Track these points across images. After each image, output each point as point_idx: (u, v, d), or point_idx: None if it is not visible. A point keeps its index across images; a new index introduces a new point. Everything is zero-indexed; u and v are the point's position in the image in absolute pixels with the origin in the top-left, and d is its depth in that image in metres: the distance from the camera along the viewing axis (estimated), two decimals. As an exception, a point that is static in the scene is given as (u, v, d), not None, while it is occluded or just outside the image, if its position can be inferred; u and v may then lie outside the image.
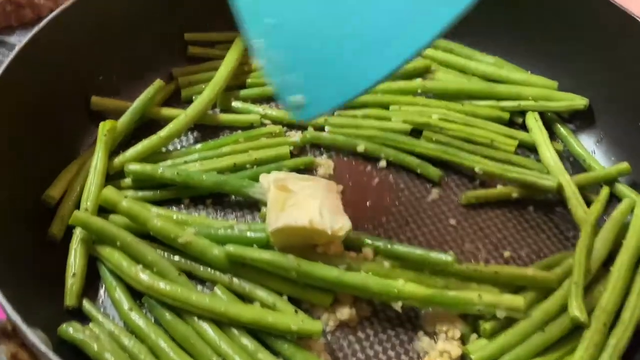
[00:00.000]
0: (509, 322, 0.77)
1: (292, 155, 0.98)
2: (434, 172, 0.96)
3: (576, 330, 0.76)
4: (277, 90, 0.75)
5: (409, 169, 0.97)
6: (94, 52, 1.00)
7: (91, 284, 0.83)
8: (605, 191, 0.91)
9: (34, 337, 0.55)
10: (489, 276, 0.79)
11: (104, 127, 0.93)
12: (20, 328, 0.56)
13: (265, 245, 0.80)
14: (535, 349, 0.75)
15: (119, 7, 1.02)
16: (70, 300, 0.79)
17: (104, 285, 0.82)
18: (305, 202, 0.78)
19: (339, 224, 0.78)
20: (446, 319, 0.78)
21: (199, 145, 0.98)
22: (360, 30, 0.68)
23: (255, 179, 0.89)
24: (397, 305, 0.77)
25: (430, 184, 0.97)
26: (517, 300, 0.76)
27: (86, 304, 0.79)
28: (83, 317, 0.79)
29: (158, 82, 1.01)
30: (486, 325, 0.77)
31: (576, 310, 0.75)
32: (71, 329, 0.74)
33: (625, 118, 0.99)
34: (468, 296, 0.76)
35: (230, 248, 0.79)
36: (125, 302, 0.78)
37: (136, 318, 0.77)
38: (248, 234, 0.81)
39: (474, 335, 0.78)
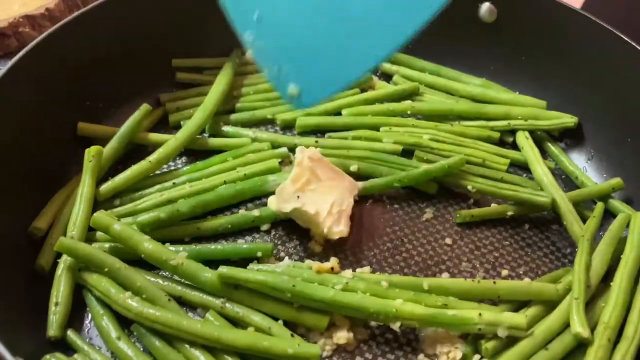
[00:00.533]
0: (511, 341, 0.75)
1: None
2: (430, 185, 0.95)
3: (580, 347, 0.74)
4: (272, 81, 0.75)
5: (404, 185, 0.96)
6: (80, 78, 0.99)
7: (77, 313, 0.79)
8: (600, 207, 0.90)
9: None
10: (488, 290, 0.77)
11: (90, 152, 0.91)
12: (4, 357, 0.53)
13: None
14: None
15: (105, 33, 1.01)
16: (53, 330, 0.75)
17: (90, 315, 0.79)
18: (323, 192, 0.81)
19: (339, 228, 0.80)
20: (447, 340, 0.76)
21: (186, 167, 0.96)
22: (349, 15, 0.68)
23: (245, 193, 0.89)
24: (396, 326, 0.74)
25: (424, 204, 0.96)
26: (519, 318, 0.74)
27: (71, 334, 0.76)
28: (70, 348, 0.75)
29: (144, 107, 1.00)
30: (488, 345, 0.74)
31: (579, 326, 0.73)
32: (53, 360, 0.70)
33: (615, 134, 0.99)
34: (468, 315, 0.74)
35: (224, 269, 0.76)
36: (113, 331, 0.75)
37: (124, 347, 0.74)
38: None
39: (477, 356, 0.76)
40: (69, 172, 0.96)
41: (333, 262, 0.81)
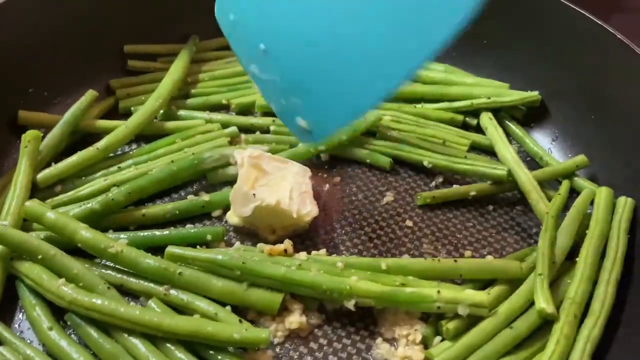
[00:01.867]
0: (473, 321, 0.71)
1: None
2: (383, 160, 0.92)
3: (546, 325, 0.70)
4: (279, 115, 0.73)
5: (359, 161, 0.93)
6: (21, 64, 0.94)
7: (9, 306, 0.74)
8: (565, 184, 0.87)
9: None
10: (449, 269, 0.73)
11: (26, 138, 0.86)
12: None
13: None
14: (504, 347, 0.69)
15: (49, 16, 0.96)
16: None
17: (22, 308, 0.73)
18: (277, 184, 0.77)
19: (307, 209, 0.77)
20: (405, 323, 0.72)
21: (132, 152, 0.91)
22: (358, 46, 0.63)
23: (181, 173, 0.85)
24: (350, 304, 0.70)
25: (385, 187, 0.92)
26: (480, 295, 0.70)
27: (-1, 328, 0.69)
28: (-3, 343, 0.69)
29: (90, 93, 0.95)
30: (449, 326, 0.70)
31: (543, 302, 0.69)
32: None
33: (578, 113, 0.97)
34: (426, 292, 0.69)
35: (172, 249, 0.72)
36: (45, 321, 0.69)
37: (57, 338, 0.68)
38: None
39: (438, 338, 0.71)
40: (9, 162, 0.91)
41: (286, 244, 0.77)
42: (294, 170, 0.81)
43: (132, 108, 1.00)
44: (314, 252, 0.79)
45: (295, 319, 0.71)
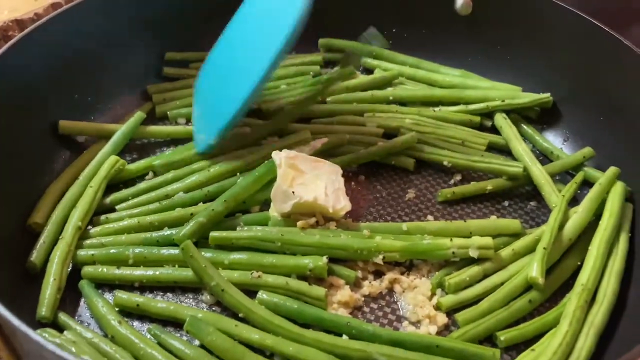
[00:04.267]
0: (472, 283, 0.80)
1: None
2: (408, 161, 0.98)
3: (555, 303, 0.79)
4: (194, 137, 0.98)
5: (383, 163, 1.00)
6: (68, 72, 1.01)
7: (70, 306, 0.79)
8: (581, 174, 0.94)
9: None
10: (461, 228, 0.85)
11: (112, 163, 0.92)
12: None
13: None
14: (517, 314, 0.77)
15: (94, 26, 1.04)
16: (44, 310, 0.74)
17: (84, 305, 0.79)
18: (312, 182, 0.85)
19: (341, 204, 0.84)
20: (426, 304, 0.79)
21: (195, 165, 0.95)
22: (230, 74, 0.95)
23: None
24: (379, 259, 0.80)
25: (407, 185, 0.98)
26: (486, 240, 0.81)
27: (62, 316, 0.75)
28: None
29: (139, 115, 1.02)
30: (451, 281, 0.79)
31: (537, 272, 0.78)
32: (46, 335, 0.71)
33: (588, 115, 1.03)
34: (441, 241, 0.80)
35: (214, 233, 0.80)
36: (112, 317, 0.74)
37: (127, 331, 0.72)
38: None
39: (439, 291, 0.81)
40: (55, 167, 0.96)
41: (318, 216, 0.85)
42: (327, 168, 0.88)
43: (168, 112, 1.07)
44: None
45: (347, 292, 0.79)
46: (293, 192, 0.82)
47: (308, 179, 0.85)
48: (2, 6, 1.34)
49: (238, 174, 0.92)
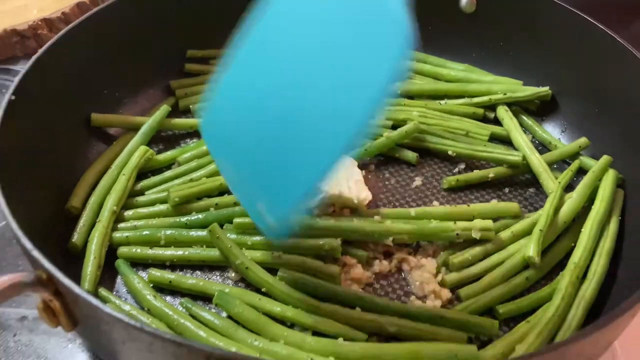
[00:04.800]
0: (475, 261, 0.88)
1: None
2: (411, 155, 1.06)
3: (550, 280, 0.86)
4: (245, 207, 0.77)
5: (388, 155, 1.07)
6: (99, 69, 1.09)
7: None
8: (576, 162, 1.02)
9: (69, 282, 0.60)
10: (464, 212, 0.92)
11: (143, 153, 0.99)
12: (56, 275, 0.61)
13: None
14: (515, 290, 0.85)
15: (123, 25, 1.11)
16: (87, 284, 0.81)
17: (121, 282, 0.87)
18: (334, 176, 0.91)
19: (364, 194, 0.91)
20: (431, 282, 0.86)
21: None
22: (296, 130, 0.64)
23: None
24: (389, 241, 0.87)
25: (414, 173, 1.06)
26: (487, 222, 0.88)
27: (102, 290, 0.82)
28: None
29: (165, 108, 1.09)
30: (455, 260, 0.86)
31: (533, 252, 0.85)
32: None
33: (585, 108, 1.09)
34: (446, 224, 0.87)
35: (238, 220, 0.87)
36: (147, 292, 0.82)
37: (162, 304, 0.80)
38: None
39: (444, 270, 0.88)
40: (89, 156, 1.03)
41: (336, 206, 0.92)
42: (344, 162, 0.95)
43: (190, 106, 1.15)
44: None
45: (359, 270, 0.86)
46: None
47: None
48: (31, 6, 1.42)
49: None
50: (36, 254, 0.62)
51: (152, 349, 0.56)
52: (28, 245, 0.64)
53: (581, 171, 1.02)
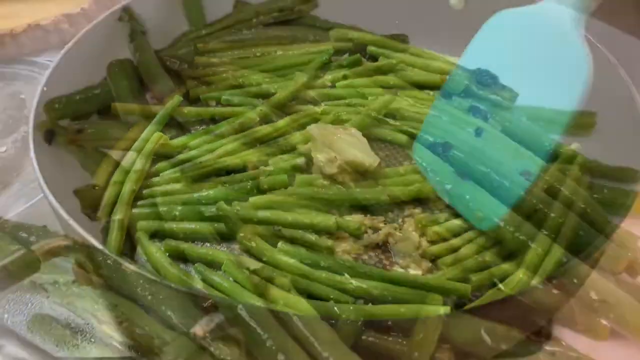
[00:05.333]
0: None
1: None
2: (400, 137, 1.16)
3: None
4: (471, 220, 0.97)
5: (381, 139, 1.17)
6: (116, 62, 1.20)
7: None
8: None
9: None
10: None
11: (157, 138, 1.10)
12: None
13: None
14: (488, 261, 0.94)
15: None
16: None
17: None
18: (343, 144, 1.04)
19: (372, 158, 1.04)
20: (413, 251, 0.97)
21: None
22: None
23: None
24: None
25: (402, 158, 1.15)
26: None
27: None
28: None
29: (177, 98, 1.19)
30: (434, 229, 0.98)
31: None
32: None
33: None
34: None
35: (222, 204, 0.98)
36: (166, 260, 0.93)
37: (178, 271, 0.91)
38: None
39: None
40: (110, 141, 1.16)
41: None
42: (349, 132, 1.08)
43: (200, 95, 1.25)
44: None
45: (350, 242, 0.97)
46: (335, 156, 1.01)
47: (339, 143, 1.03)
48: (52, 1, 1.53)
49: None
50: (72, 222, 0.74)
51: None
52: (65, 215, 0.75)
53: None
